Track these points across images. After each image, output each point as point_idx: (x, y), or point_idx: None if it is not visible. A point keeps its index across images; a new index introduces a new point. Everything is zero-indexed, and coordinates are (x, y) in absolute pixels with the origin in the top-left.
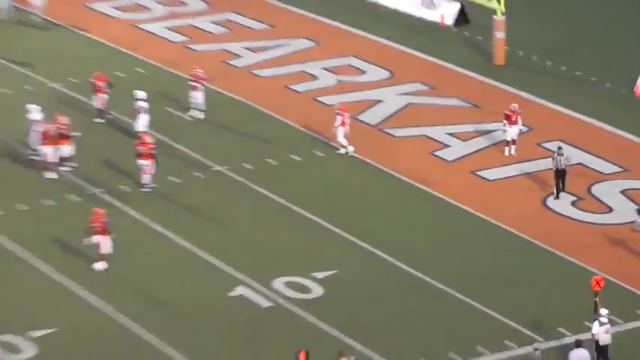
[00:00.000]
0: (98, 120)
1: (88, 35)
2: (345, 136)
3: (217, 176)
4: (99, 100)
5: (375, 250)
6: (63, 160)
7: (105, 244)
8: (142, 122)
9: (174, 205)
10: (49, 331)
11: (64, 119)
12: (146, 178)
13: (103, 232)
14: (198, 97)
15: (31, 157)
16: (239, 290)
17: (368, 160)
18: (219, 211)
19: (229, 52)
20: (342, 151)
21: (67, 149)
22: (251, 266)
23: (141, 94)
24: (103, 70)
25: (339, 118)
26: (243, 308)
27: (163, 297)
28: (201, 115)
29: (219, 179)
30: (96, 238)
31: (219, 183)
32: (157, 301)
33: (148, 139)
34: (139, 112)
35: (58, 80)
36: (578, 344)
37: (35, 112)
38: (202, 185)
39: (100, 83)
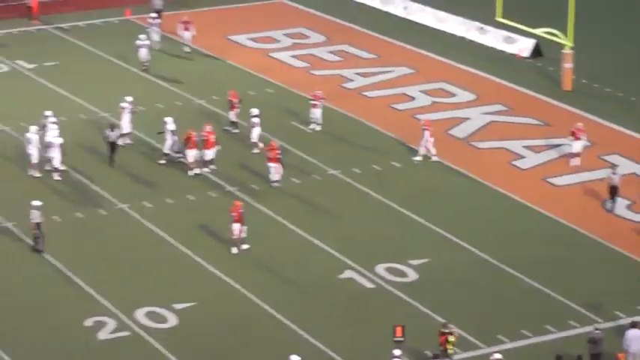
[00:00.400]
0: (234, 130)
1: (228, 61)
2: (433, 146)
3: (331, 178)
4: (233, 114)
5: (461, 242)
6: (206, 162)
7: (242, 230)
8: (255, 134)
9: (296, 201)
10: (189, 304)
11: (208, 128)
12: (274, 178)
13: (240, 220)
14: (317, 113)
15: (178, 159)
16: (347, 274)
17: (456, 167)
18: (332, 207)
19: (343, 76)
20: (435, 158)
21: (209, 153)
22: (358, 253)
23: (254, 111)
24: (239, 90)
25: (426, 133)
26: (351, 289)
27: (285, 278)
28: (319, 128)
29: (333, 181)
30: (234, 226)
31: (333, 184)
32: (280, 282)
33: (275, 145)
34: (253, 126)
35: (203, 97)
36: (634, 325)
37: (170, 123)
38: (319, 185)
39: (234, 100)
